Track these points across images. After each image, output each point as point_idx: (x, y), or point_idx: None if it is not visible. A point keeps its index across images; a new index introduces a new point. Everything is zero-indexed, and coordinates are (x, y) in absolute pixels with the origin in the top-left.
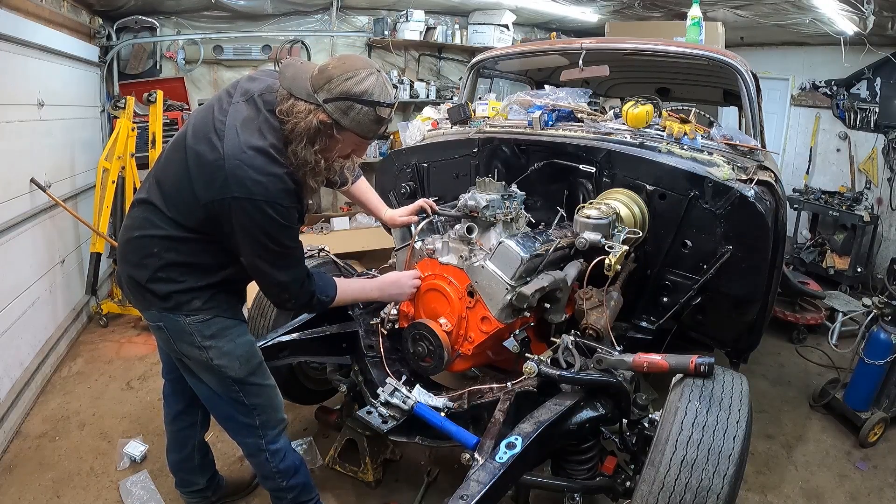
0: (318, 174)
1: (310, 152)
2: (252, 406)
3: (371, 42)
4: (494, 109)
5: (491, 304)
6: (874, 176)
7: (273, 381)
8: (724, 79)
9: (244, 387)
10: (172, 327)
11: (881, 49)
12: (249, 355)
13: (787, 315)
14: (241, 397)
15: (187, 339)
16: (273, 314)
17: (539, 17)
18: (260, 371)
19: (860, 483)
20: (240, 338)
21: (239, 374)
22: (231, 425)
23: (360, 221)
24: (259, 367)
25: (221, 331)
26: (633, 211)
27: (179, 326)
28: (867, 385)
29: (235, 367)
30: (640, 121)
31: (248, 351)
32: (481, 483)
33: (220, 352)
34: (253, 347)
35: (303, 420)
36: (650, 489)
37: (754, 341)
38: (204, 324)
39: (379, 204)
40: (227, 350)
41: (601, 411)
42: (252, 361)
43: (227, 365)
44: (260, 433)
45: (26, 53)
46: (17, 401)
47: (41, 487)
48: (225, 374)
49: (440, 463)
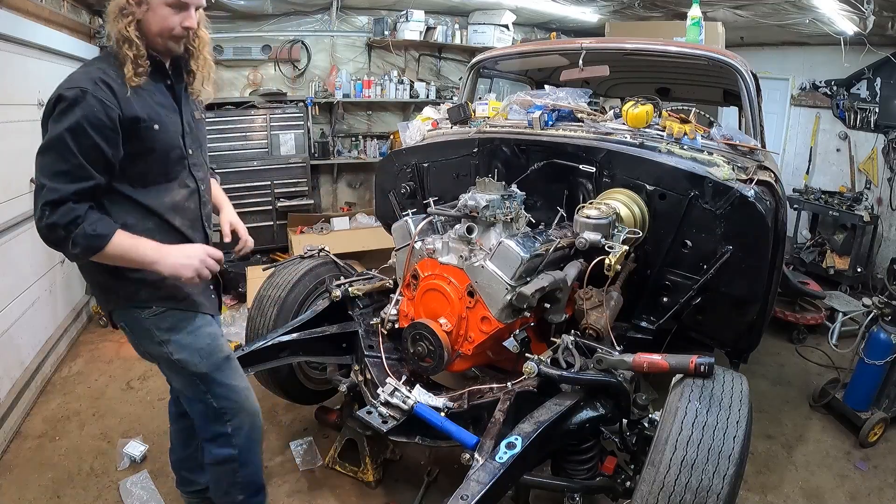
0: (139, 49)
1: (122, 24)
2: (221, 410)
3: (371, 42)
4: (494, 109)
5: (491, 304)
6: (874, 176)
7: (246, 384)
8: (724, 79)
9: (210, 386)
10: (133, 325)
11: (881, 49)
12: (211, 349)
13: (787, 315)
14: (208, 399)
15: (147, 335)
16: (273, 314)
17: (539, 17)
18: (227, 368)
19: (860, 483)
20: (200, 329)
21: (201, 368)
22: (202, 429)
23: (360, 221)
24: (225, 363)
25: (177, 323)
26: (633, 211)
27: (139, 323)
28: (867, 385)
29: (196, 361)
30: (640, 121)
31: (210, 344)
32: (481, 483)
33: (178, 345)
34: (217, 341)
35: (303, 420)
36: (650, 489)
37: (754, 341)
38: (159, 317)
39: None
40: (186, 343)
41: (601, 411)
42: (215, 355)
43: (187, 360)
44: (232, 441)
45: (26, 53)
46: (17, 401)
47: (41, 487)
48: (188, 371)
49: (440, 463)
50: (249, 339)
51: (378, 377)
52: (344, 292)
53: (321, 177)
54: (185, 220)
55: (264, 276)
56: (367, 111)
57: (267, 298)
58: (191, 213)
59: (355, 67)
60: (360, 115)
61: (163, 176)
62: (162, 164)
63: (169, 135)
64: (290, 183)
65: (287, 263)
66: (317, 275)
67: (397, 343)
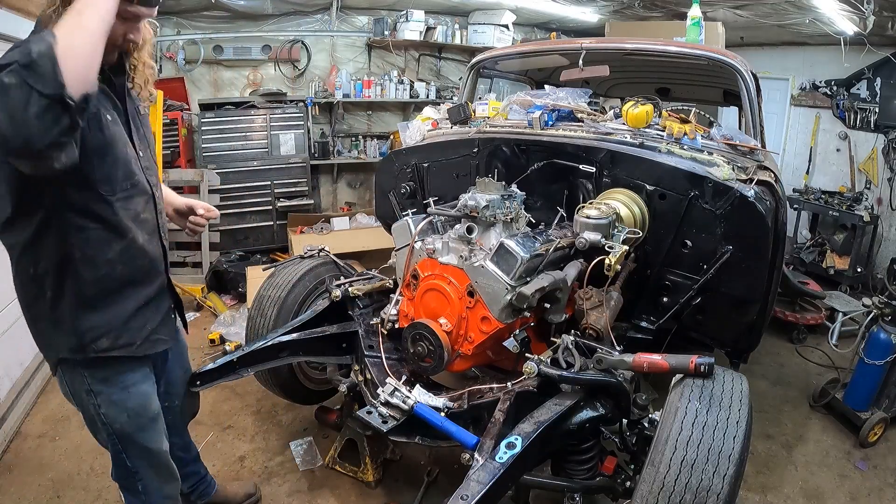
0: None
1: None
2: (134, 469)
3: (371, 42)
4: (494, 109)
5: (491, 304)
6: (874, 176)
7: (166, 447)
8: (724, 79)
9: (127, 446)
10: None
11: (881, 49)
12: (140, 409)
13: (787, 315)
14: (122, 457)
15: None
16: (273, 314)
17: (539, 17)
18: (150, 430)
19: (860, 483)
20: (134, 387)
21: (125, 428)
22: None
23: (360, 221)
24: (150, 424)
25: (113, 375)
26: (633, 211)
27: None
28: (867, 385)
29: (122, 420)
30: (640, 121)
31: (140, 405)
32: (481, 483)
33: (107, 401)
34: (147, 400)
35: (303, 420)
36: (650, 489)
37: (754, 341)
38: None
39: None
40: (116, 399)
41: (601, 411)
42: (142, 417)
43: (113, 416)
44: (142, 499)
45: None
46: (17, 401)
47: (41, 487)
48: (110, 428)
49: (440, 463)
50: (249, 339)
51: (378, 377)
52: (344, 292)
53: (321, 177)
54: (145, 233)
55: (264, 276)
56: (367, 111)
57: (267, 298)
58: (150, 225)
59: (355, 67)
60: (360, 115)
61: (127, 180)
62: (124, 165)
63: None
64: (290, 183)
65: (287, 263)
66: (317, 275)
67: (397, 343)
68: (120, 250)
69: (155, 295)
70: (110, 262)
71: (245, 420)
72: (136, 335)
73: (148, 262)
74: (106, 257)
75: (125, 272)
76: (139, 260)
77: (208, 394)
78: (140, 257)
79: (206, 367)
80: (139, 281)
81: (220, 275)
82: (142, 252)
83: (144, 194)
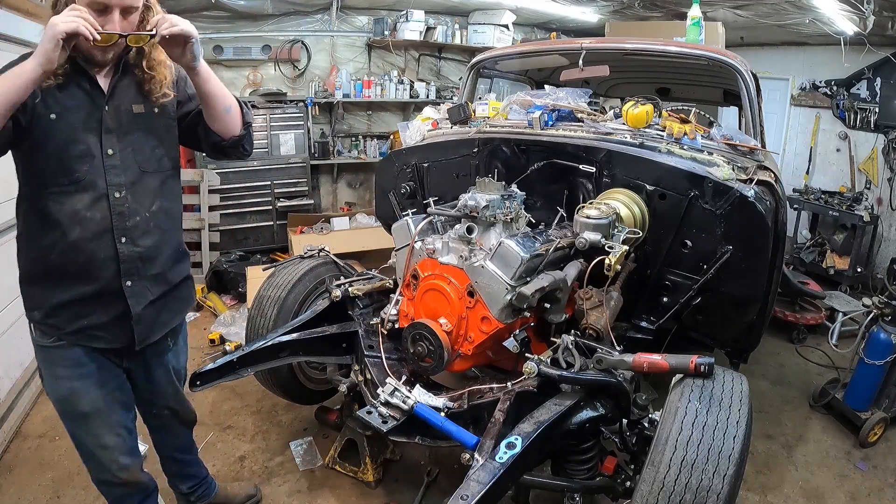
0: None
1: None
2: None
3: (371, 42)
4: (494, 109)
5: (491, 304)
6: (874, 176)
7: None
8: (724, 79)
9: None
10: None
11: (881, 49)
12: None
13: (787, 315)
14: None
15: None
16: (273, 314)
17: (539, 17)
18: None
19: (860, 483)
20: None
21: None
22: None
23: (360, 221)
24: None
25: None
26: (633, 211)
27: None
28: (867, 385)
29: (57, 406)
30: (640, 121)
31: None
32: (481, 483)
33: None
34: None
35: (303, 420)
36: (650, 489)
37: (754, 341)
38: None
39: None
40: (48, 384)
41: (601, 411)
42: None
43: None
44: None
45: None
46: (17, 401)
47: (41, 487)
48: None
49: (440, 463)
50: (249, 339)
51: (378, 377)
52: (344, 292)
53: (321, 177)
54: (84, 232)
55: (264, 276)
56: (367, 111)
57: (267, 298)
58: (94, 225)
59: (355, 67)
60: (360, 115)
61: (63, 176)
62: (59, 161)
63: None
64: (290, 183)
65: (287, 263)
66: (317, 275)
67: (397, 343)
68: (51, 241)
69: (94, 295)
70: (44, 248)
71: (245, 420)
72: (66, 324)
73: (84, 260)
74: (40, 243)
75: (58, 262)
76: (72, 255)
77: (208, 394)
78: (73, 253)
79: (206, 367)
80: (73, 275)
81: (220, 275)
82: (75, 249)
83: (90, 192)
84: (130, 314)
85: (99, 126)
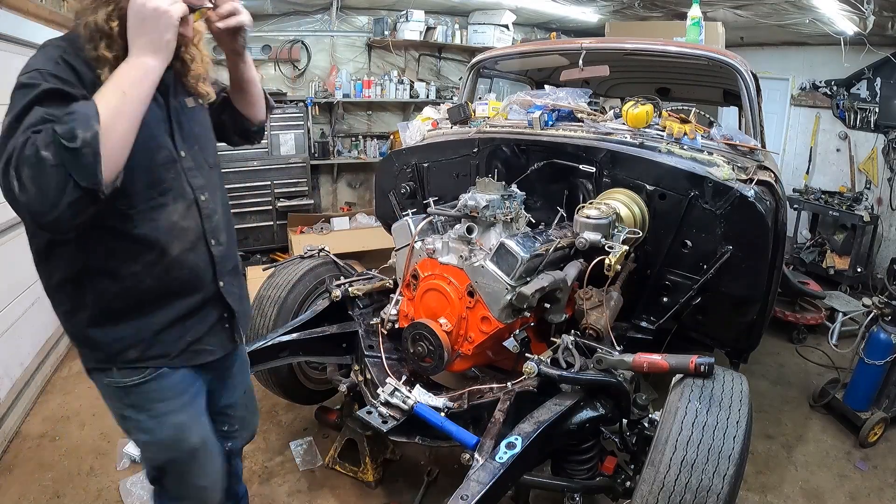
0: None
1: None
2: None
3: (371, 42)
4: (494, 109)
5: (491, 304)
6: (874, 176)
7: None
8: (724, 79)
9: (164, 477)
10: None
11: (881, 49)
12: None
13: (787, 315)
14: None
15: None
16: (273, 314)
17: (539, 17)
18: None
19: (860, 483)
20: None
21: (157, 460)
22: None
23: (360, 221)
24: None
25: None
26: (633, 211)
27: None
28: (867, 385)
29: (153, 452)
30: (640, 121)
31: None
32: (481, 483)
33: (138, 428)
34: (182, 432)
35: (303, 420)
36: (650, 489)
37: (754, 341)
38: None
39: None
40: (147, 427)
41: (601, 411)
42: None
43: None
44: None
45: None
46: (17, 401)
47: (41, 487)
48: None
49: (440, 463)
50: (249, 339)
51: (378, 377)
52: (344, 292)
53: (321, 177)
54: (184, 243)
55: (264, 276)
56: (367, 111)
57: (267, 298)
58: (191, 234)
59: (355, 67)
60: (360, 115)
61: (153, 188)
62: (147, 173)
63: (150, 130)
64: (290, 183)
65: (287, 263)
66: (317, 275)
67: (397, 343)
68: (147, 263)
69: (198, 305)
70: (135, 274)
71: None
72: (172, 347)
73: (186, 272)
74: (130, 270)
75: (155, 285)
76: (174, 272)
77: None
78: (175, 269)
79: None
80: (175, 292)
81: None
82: (177, 264)
83: (183, 200)
84: (226, 316)
85: (168, 125)
